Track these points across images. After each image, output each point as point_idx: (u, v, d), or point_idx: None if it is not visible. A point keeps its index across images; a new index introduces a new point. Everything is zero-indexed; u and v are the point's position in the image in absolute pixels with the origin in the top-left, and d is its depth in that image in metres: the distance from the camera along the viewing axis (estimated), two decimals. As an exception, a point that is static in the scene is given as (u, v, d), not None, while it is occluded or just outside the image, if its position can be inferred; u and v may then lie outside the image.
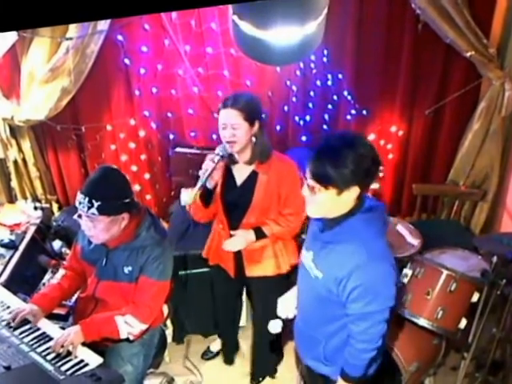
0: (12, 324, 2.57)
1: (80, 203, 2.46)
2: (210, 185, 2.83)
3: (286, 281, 3.24)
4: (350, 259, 2.02)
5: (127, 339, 2.66)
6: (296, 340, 2.51)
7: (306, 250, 2.28)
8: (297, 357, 2.59)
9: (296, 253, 3.09)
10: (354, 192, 1.99)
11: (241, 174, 2.94)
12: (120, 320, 2.59)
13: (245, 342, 3.80)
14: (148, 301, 2.64)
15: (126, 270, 2.62)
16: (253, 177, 2.90)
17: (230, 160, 2.90)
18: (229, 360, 3.72)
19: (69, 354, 2.44)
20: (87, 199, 2.43)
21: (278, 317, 2.46)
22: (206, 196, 2.89)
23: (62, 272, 2.91)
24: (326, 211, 2.08)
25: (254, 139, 2.82)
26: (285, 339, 3.56)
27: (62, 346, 2.44)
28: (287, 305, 2.46)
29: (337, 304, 2.12)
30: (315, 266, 2.16)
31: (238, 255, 3.08)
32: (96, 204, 2.42)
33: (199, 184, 2.71)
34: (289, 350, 3.64)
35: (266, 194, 2.88)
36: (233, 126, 2.73)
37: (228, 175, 2.96)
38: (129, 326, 2.59)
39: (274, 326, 2.46)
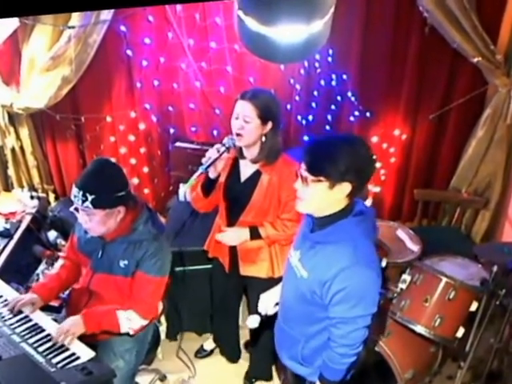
0: (13, 311, 2.61)
1: (75, 197, 2.45)
2: (212, 174, 2.81)
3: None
4: (337, 261, 2.00)
5: (120, 334, 2.65)
6: (276, 338, 2.49)
7: (293, 249, 2.27)
8: (277, 358, 2.57)
9: None
10: (345, 188, 1.98)
11: (246, 170, 2.93)
12: (122, 314, 2.60)
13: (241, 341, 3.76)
14: (148, 297, 2.65)
15: (122, 263, 2.61)
16: (255, 176, 2.88)
17: (239, 154, 2.89)
18: (231, 359, 3.70)
19: (61, 346, 2.43)
20: (81, 193, 2.41)
21: (258, 313, 2.44)
22: (207, 185, 2.88)
23: (60, 262, 2.91)
24: (317, 207, 2.07)
25: (263, 138, 2.80)
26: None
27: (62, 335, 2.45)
28: (268, 301, 2.45)
29: (319, 306, 2.11)
30: (302, 266, 2.15)
31: (233, 251, 3.06)
32: (90, 197, 2.40)
33: (200, 170, 2.69)
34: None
35: (265, 195, 2.86)
36: (244, 119, 2.72)
37: (234, 169, 2.96)
38: (129, 321, 2.60)
39: (252, 322, 2.44)
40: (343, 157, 1.94)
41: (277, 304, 2.45)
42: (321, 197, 2.01)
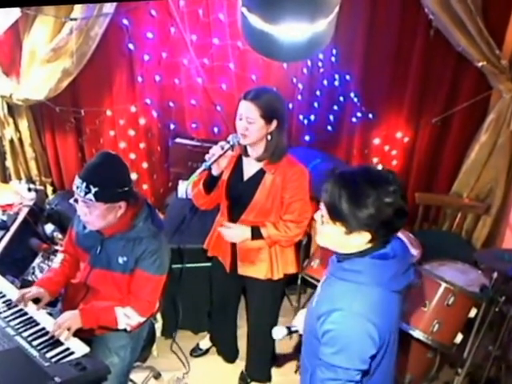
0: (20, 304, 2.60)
1: (77, 187, 2.42)
2: (215, 171, 2.79)
3: (280, 287, 3.21)
4: (337, 299, 1.82)
5: (116, 330, 2.64)
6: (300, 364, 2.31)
7: (327, 270, 2.08)
8: None
9: (294, 263, 3.06)
10: (365, 236, 1.77)
11: (249, 169, 2.91)
12: (120, 311, 2.58)
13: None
14: (147, 295, 2.64)
15: (121, 260, 2.60)
16: (259, 175, 2.86)
17: (243, 152, 2.87)
18: (228, 359, 3.67)
19: (56, 341, 2.41)
20: (85, 184, 2.39)
21: (287, 326, 2.30)
22: (210, 182, 2.85)
23: (60, 257, 2.88)
24: (332, 246, 1.89)
25: (269, 137, 2.78)
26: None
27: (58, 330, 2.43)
28: (301, 319, 2.26)
29: (318, 340, 1.89)
30: (318, 292, 2.02)
31: (234, 251, 3.04)
32: (93, 190, 2.38)
33: (203, 167, 2.67)
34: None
35: (268, 195, 2.84)
36: (248, 120, 2.70)
37: (237, 167, 2.94)
38: (127, 317, 2.59)
39: (277, 333, 2.29)
40: (368, 205, 1.70)
41: None
42: (336, 239, 1.82)
